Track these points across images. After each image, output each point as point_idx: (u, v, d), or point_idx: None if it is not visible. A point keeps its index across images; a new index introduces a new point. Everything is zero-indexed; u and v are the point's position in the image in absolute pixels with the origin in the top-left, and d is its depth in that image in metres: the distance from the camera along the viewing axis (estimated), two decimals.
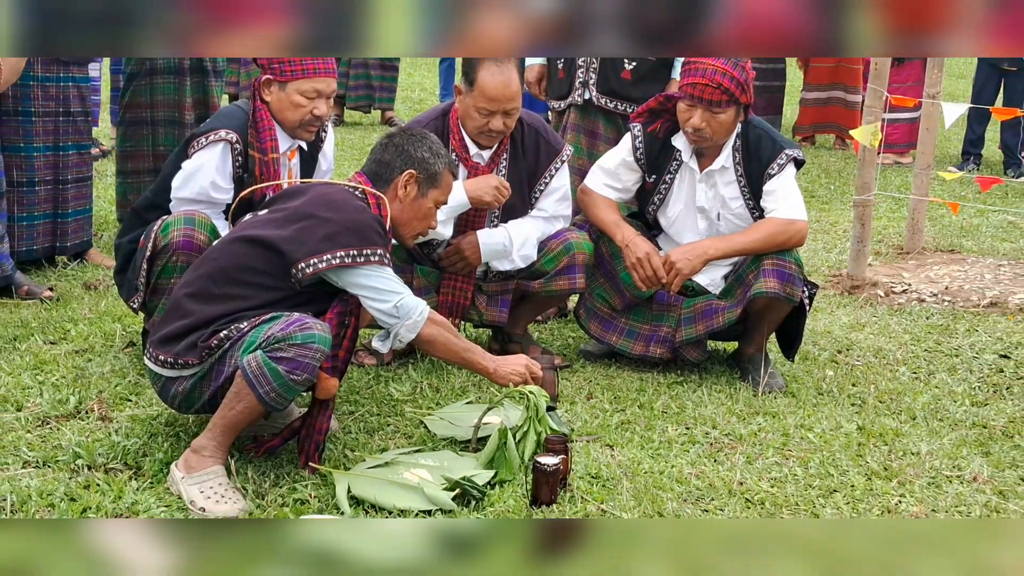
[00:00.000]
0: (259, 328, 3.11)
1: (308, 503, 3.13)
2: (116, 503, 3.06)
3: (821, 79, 9.62)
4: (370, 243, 3.25)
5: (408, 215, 3.49)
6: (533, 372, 3.47)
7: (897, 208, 7.45)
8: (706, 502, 3.27)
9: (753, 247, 4.20)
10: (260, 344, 3.07)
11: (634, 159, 4.36)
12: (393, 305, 3.28)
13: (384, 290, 3.28)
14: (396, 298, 3.28)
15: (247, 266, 3.26)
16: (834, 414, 3.98)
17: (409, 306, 3.30)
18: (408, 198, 3.46)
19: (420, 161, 3.46)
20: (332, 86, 3.89)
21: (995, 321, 5.21)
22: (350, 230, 3.24)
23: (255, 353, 3.06)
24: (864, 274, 5.77)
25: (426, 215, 3.53)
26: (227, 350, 3.15)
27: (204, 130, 3.91)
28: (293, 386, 3.07)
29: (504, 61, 4.08)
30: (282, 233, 3.25)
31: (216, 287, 3.25)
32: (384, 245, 3.30)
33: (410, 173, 3.44)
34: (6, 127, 4.93)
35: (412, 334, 3.30)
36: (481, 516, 3.11)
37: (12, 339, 4.24)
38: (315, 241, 3.22)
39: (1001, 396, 4.28)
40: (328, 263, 3.20)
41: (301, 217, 3.28)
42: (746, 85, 4.12)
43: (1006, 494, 3.43)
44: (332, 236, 3.22)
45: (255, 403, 3.08)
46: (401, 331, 3.31)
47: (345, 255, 3.22)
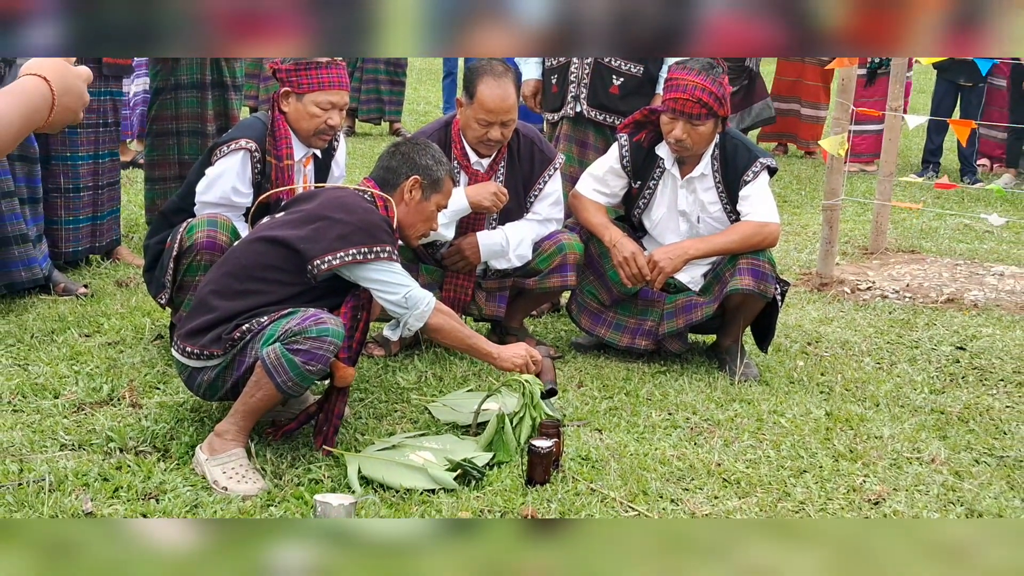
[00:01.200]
0: (278, 322, 3.12)
1: (322, 482, 3.14)
2: (145, 483, 3.07)
3: (781, 91, 9.61)
4: (379, 241, 3.26)
5: (413, 217, 3.50)
6: (534, 358, 3.47)
7: (862, 212, 7.46)
8: (687, 482, 3.28)
9: (730, 247, 4.21)
10: (278, 337, 3.08)
11: (621, 167, 4.36)
12: (402, 296, 3.28)
13: (394, 283, 3.29)
14: (405, 290, 3.29)
15: (266, 264, 3.27)
16: (804, 401, 4.00)
17: (417, 297, 3.31)
18: (413, 201, 3.47)
19: (424, 168, 3.47)
20: (345, 99, 3.90)
21: (952, 316, 5.22)
22: (361, 229, 3.25)
23: (274, 345, 3.07)
24: (832, 272, 5.78)
25: (429, 217, 3.54)
26: (248, 342, 3.16)
27: (226, 139, 3.91)
28: (308, 375, 3.08)
29: (502, 75, 4.09)
30: (298, 233, 3.26)
31: (238, 284, 3.26)
32: (392, 243, 3.32)
33: (415, 179, 3.45)
34: (53, 138, 4.93)
35: (420, 323, 3.32)
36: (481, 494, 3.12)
37: (50, 332, 4.25)
38: (329, 240, 3.22)
39: (957, 384, 4.30)
40: (342, 260, 3.21)
41: (316, 218, 3.29)
42: (723, 99, 4.12)
43: (961, 474, 3.44)
44: (345, 235, 3.23)
45: (273, 391, 3.09)
46: (410, 320, 3.32)
47: (357, 252, 3.23)
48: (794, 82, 9.47)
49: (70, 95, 1.76)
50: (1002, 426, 3.87)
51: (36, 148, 4.70)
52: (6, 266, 4.50)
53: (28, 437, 3.30)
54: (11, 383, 3.69)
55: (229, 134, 3.98)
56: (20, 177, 4.57)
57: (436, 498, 3.07)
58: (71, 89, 1.76)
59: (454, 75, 9.98)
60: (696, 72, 4.09)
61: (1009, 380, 4.36)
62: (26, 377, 3.77)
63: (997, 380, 4.36)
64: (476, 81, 4.10)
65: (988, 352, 4.67)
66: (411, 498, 3.07)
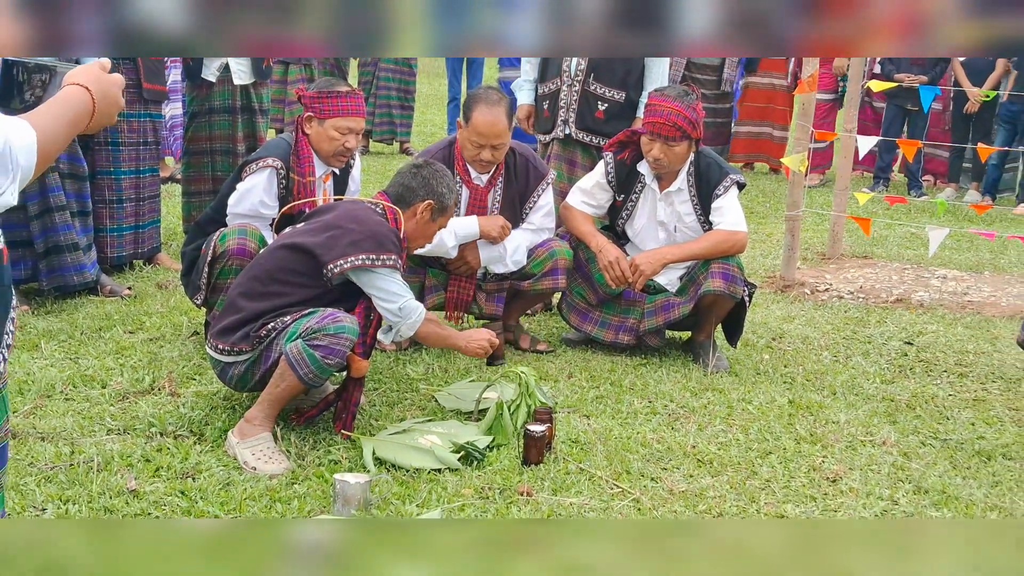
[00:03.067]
0: (299, 321, 3.12)
1: (340, 463, 3.13)
2: (183, 463, 3.06)
3: (753, 116, 9.59)
4: (386, 250, 3.25)
5: (418, 233, 3.50)
6: (492, 342, 3.52)
7: (820, 222, 7.45)
8: (665, 462, 3.27)
9: (703, 253, 4.21)
10: (300, 334, 3.08)
11: (606, 182, 4.36)
12: (398, 307, 3.28)
13: (393, 292, 3.27)
14: (402, 300, 3.28)
15: (288, 268, 3.27)
16: (769, 390, 3.99)
17: (411, 308, 3.30)
18: (423, 221, 3.47)
19: (439, 195, 3.46)
20: (361, 125, 3.89)
21: (900, 314, 5.22)
22: (371, 238, 3.24)
23: (296, 342, 3.07)
24: (794, 276, 5.78)
25: (431, 235, 3.57)
26: (273, 339, 3.16)
27: (255, 158, 3.90)
28: (327, 368, 3.07)
29: (495, 104, 4.08)
30: (316, 240, 3.26)
31: (263, 286, 3.26)
32: (398, 252, 3.30)
33: (429, 203, 3.44)
34: (98, 155, 4.94)
35: (411, 332, 3.34)
36: (481, 473, 3.11)
37: (98, 329, 4.24)
38: (342, 246, 3.22)
39: (905, 375, 4.30)
40: (351, 263, 3.20)
41: (331, 227, 3.28)
42: (696, 123, 4.12)
43: (909, 455, 3.44)
44: (356, 242, 3.22)
45: (296, 382, 3.09)
46: (403, 329, 3.32)
47: (366, 258, 3.22)
48: (765, 107, 9.46)
49: (107, 101, 1.77)
50: (945, 412, 3.86)
51: (85, 167, 4.69)
52: (59, 271, 4.50)
53: (78, 423, 3.30)
54: (63, 375, 3.68)
55: (257, 153, 3.97)
56: (71, 193, 4.57)
57: (442, 476, 3.07)
58: (108, 95, 1.77)
59: (457, 100, 9.96)
60: (672, 99, 4.10)
61: (952, 371, 4.36)
62: (76, 369, 3.76)
63: (941, 371, 4.36)
64: (472, 108, 4.10)
65: (933, 346, 4.67)
66: (420, 476, 3.06)
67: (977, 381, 4.25)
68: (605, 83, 4.82)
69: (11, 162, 1.52)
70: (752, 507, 2.99)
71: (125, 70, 4.89)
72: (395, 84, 9.42)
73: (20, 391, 3.52)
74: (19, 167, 1.53)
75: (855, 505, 3.04)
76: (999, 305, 5.44)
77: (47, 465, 2.98)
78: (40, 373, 3.68)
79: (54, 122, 1.66)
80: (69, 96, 1.73)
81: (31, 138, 1.57)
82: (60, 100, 1.71)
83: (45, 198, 4.42)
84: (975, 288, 5.77)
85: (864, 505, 3.04)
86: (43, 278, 4.47)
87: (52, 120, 1.66)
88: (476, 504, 2.92)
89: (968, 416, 3.83)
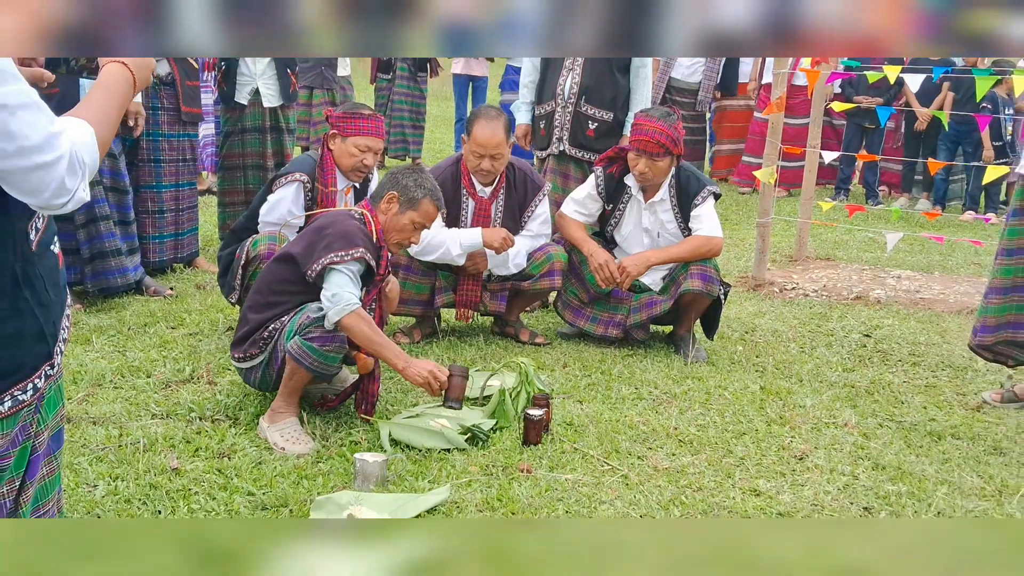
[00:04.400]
0: (294, 319, 3.12)
1: (360, 444, 3.13)
2: (220, 444, 3.06)
3: (732, 135, 9.57)
4: (353, 244, 3.12)
5: (390, 226, 3.32)
6: (438, 379, 3.13)
7: (788, 228, 7.45)
8: (650, 442, 3.27)
9: (683, 256, 4.21)
10: (296, 331, 3.08)
11: (596, 193, 4.36)
12: (331, 294, 3.05)
13: (335, 282, 3.07)
14: (337, 289, 3.05)
15: (282, 279, 3.24)
16: (743, 378, 3.99)
17: (342, 298, 3.03)
18: (390, 213, 3.30)
19: (403, 187, 3.30)
20: (379, 145, 3.88)
21: (860, 310, 5.22)
22: (341, 238, 3.13)
23: (294, 339, 3.07)
24: (764, 276, 5.77)
25: (402, 229, 3.31)
26: (277, 339, 3.16)
27: (283, 173, 3.91)
28: (329, 355, 3.05)
29: (493, 119, 4.08)
30: (298, 250, 3.21)
31: (264, 298, 3.26)
32: (365, 246, 3.13)
33: (391, 194, 3.30)
34: (142, 171, 4.94)
35: (336, 318, 3.03)
36: (486, 453, 3.11)
37: (143, 325, 4.24)
38: (318, 251, 3.13)
39: (864, 364, 4.30)
40: (322, 264, 3.10)
41: (309, 234, 3.24)
42: (677, 140, 4.12)
43: (868, 436, 3.44)
44: (328, 245, 3.13)
45: (305, 373, 3.09)
46: (330, 314, 3.04)
47: (334, 255, 3.09)
48: (743, 127, 9.44)
49: (141, 66, 1.74)
50: (900, 397, 3.87)
51: (127, 182, 4.69)
52: (103, 274, 4.50)
53: (126, 408, 3.30)
54: (112, 365, 3.69)
55: (286, 168, 3.98)
56: (112, 204, 4.58)
57: (451, 456, 3.07)
58: (141, 62, 1.74)
59: (463, 120, 9.96)
60: (656, 119, 4.10)
61: (906, 361, 4.36)
62: (124, 361, 3.76)
63: (896, 361, 4.36)
64: (473, 123, 4.11)
65: (889, 339, 4.68)
66: (431, 456, 3.06)
67: (928, 369, 4.25)
68: (595, 105, 4.82)
69: (79, 163, 1.51)
70: (728, 482, 2.99)
71: (166, 95, 4.90)
72: (407, 106, 9.43)
73: (74, 380, 3.52)
74: (85, 165, 1.53)
75: (820, 480, 3.04)
76: (948, 302, 5.44)
77: (98, 446, 2.99)
78: (92, 364, 3.68)
79: (103, 111, 1.65)
80: (109, 77, 1.70)
81: (89, 135, 1.57)
82: (102, 86, 1.69)
83: (91, 209, 4.42)
84: (926, 287, 5.77)
85: (828, 480, 3.05)
86: (88, 281, 4.47)
87: (101, 110, 1.65)
88: (481, 480, 2.92)
89: (920, 400, 3.83)
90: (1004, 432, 3.51)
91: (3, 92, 1.43)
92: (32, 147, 1.46)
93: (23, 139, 1.45)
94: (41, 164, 1.47)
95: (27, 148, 1.46)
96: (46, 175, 1.48)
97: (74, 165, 1.51)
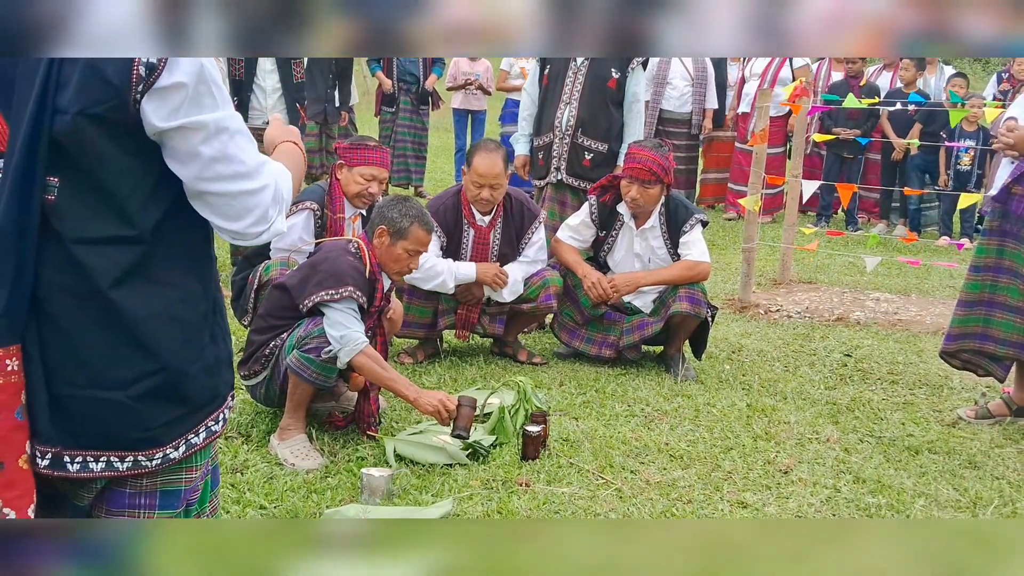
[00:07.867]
0: (292, 335, 3.15)
1: (366, 459, 3.14)
2: (233, 460, 3.07)
3: (719, 164, 9.61)
4: (343, 284, 3.10)
5: (385, 258, 3.31)
6: (447, 408, 3.10)
7: (772, 253, 7.49)
8: (642, 457, 3.28)
9: (672, 279, 4.24)
10: (294, 345, 3.09)
11: (591, 220, 4.39)
12: (340, 335, 3.05)
13: (340, 322, 3.07)
14: (345, 330, 3.05)
15: (279, 305, 3.26)
16: (730, 395, 4.01)
17: (351, 339, 3.04)
18: (383, 246, 3.30)
19: (390, 220, 3.28)
20: (383, 174, 3.90)
21: (840, 331, 5.24)
22: (332, 276, 3.13)
23: (293, 353, 3.08)
24: (750, 298, 5.80)
25: (398, 259, 3.28)
26: (278, 356, 3.18)
27: (294, 201, 3.92)
28: (327, 366, 3.06)
29: (492, 151, 4.11)
30: (292, 281, 3.23)
31: (265, 322, 3.29)
32: (356, 285, 3.12)
33: (381, 228, 3.29)
34: None
35: (347, 358, 3.05)
36: (486, 467, 3.12)
37: None
38: (310, 286, 3.15)
39: (845, 382, 4.31)
40: (313, 301, 3.11)
41: (306, 269, 3.25)
42: (668, 170, 4.16)
43: (850, 450, 3.46)
44: (320, 282, 3.13)
45: (307, 386, 3.09)
46: (340, 354, 3.05)
47: (324, 294, 3.10)
48: (728, 157, 9.49)
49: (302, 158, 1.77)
50: (880, 413, 3.88)
51: None
52: None
53: None
54: None
55: (296, 198, 3.98)
56: None
57: (453, 471, 3.08)
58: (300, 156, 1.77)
59: (463, 151, 10.01)
60: (649, 149, 4.15)
61: (885, 379, 4.38)
62: None
63: (875, 379, 4.38)
64: (473, 155, 4.14)
65: (868, 358, 4.69)
66: (434, 470, 3.07)
67: (906, 387, 4.27)
68: (591, 137, 4.87)
69: (280, 195, 1.50)
70: (717, 495, 3.00)
71: None
72: (410, 137, 9.48)
73: None
74: (284, 201, 1.52)
75: (804, 493, 3.05)
76: (924, 323, 5.46)
77: None
78: None
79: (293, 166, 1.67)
80: (291, 153, 1.73)
81: (288, 179, 1.56)
82: (285, 152, 1.72)
83: None
84: (904, 308, 5.80)
85: (811, 493, 3.06)
86: None
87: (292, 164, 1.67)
88: (482, 493, 2.93)
89: (899, 417, 3.85)
90: (978, 447, 3.53)
91: (225, 115, 1.40)
92: (245, 172, 1.43)
93: (239, 163, 1.42)
94: (250, 190, 1.44)
95: (241, 173, 1.42)
96: (252, 201, 1.45)
97: (278, 195, 1.49)
